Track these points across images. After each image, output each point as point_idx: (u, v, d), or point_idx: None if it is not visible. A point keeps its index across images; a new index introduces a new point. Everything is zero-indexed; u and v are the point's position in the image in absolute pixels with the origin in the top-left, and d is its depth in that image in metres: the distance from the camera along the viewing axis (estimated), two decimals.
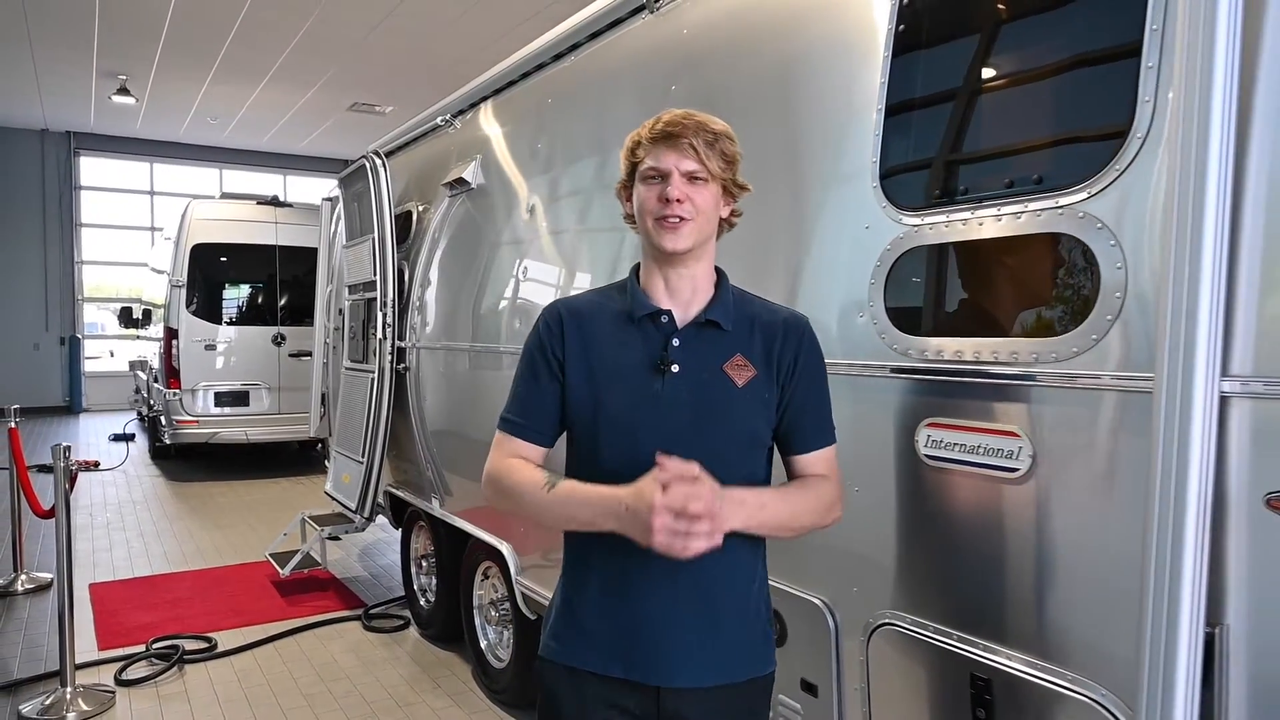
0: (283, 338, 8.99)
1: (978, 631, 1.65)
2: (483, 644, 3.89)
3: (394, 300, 4.48)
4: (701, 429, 1.46)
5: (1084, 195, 1.49)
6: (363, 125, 12.65)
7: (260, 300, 9.14)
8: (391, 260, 4.49)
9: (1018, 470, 1.57)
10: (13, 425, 5.14)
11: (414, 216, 4.64)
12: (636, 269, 1.59)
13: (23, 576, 5.20)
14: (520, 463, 1.52)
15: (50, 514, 3.93)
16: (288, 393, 8.87)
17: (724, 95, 2.42)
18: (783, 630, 2.08)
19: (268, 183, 15.22)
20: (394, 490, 4.74)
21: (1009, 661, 1.59)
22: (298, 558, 5.07)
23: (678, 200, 1.43)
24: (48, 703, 3.58)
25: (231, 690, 3.87)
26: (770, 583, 1.63)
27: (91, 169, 14.62)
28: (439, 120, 4.53)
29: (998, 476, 1.60)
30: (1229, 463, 1.29)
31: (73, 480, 3.77)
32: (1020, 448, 1.56)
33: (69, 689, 3.61)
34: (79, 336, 14.34)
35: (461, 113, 4.38)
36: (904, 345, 1.79)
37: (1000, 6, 1.75)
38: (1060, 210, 1.52)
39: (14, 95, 12.07)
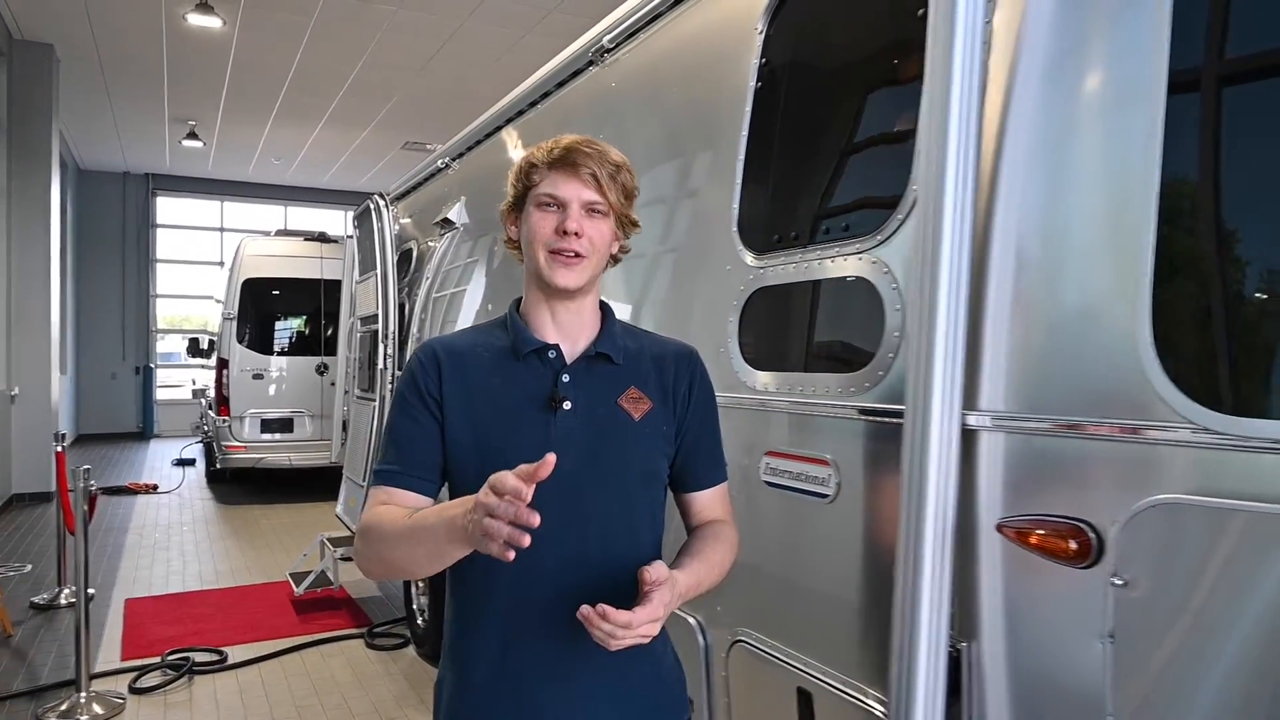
0: (325, 367, 9.43)
1: (798, 647, 1.76)
2: None
3: (395, 332, 4.74)
4: (599, 467, 1.36)
5: (876, 241, 1.60)
6: (417, 163, 13.15)
7: (306, 331, 9.62)
8: (393, 294, 4.76)
9: (828, 496, 1.67)
10: (59, 450, 5.56)
11: (414, 254, 4.91)
12: (517, 303, 1.48)
13: (66, 590, 5.60)
14: (391, 506, 1.34)
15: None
16: (330, 420, 9.25)
17: (635, 140, 2.58)
18: None
19: (330, 219, 15.97)
20: None
21: (822, 677, 1.69)
22: (311, 577, 5.34)
23: (575, 234, 1.34)
24: (64, 707, 3.88)
25: (232, 700, 4.12)
26: None
27: (167, 208, 15.59)
28: (439, 164, 4.81)
29: (813, 502, 1.71)
30: (978, 491, 1.39)
31: (92, 502, 4.10)
32: (830, 475, 1.67)
33: (83, 695, 3.91)
34: (152, 366, 15.20)
35: (460, 156, 4.64)
36: (751, 380, 1.91)
37: (829, 72, 1.88)
38: (860, 255, 1.64)
39: (98, 142, 13.03)
